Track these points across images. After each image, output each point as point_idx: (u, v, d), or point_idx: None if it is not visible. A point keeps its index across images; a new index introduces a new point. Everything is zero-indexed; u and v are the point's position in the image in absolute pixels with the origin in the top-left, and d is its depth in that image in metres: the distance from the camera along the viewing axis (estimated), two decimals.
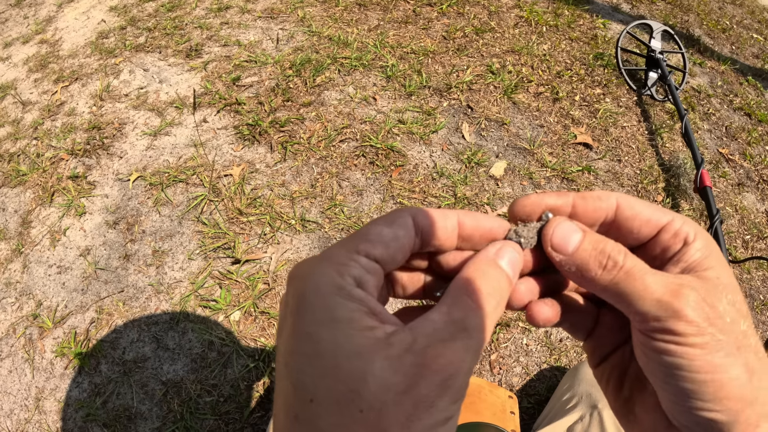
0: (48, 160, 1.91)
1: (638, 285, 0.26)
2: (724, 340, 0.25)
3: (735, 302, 0.26)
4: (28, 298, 1.59)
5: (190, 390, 1.39)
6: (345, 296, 0.23)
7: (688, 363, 0.25)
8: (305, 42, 2.29)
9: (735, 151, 2.14)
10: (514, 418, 1.13)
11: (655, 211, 0.29)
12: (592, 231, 0.29)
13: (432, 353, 0.22)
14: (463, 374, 0.23)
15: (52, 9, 2.72)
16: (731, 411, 0.25)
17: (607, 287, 0.27)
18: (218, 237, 1.65)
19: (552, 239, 0.28)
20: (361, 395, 0.21)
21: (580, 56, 2.35)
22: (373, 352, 0.22)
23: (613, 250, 0.27)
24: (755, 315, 1.67)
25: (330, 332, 0.22)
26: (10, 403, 1.41)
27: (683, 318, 0.24)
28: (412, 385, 0.21)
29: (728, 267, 0.28)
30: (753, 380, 0.25)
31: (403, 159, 1.84)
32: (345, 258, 0.25)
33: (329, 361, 0.22)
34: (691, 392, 0.25)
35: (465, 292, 0.25)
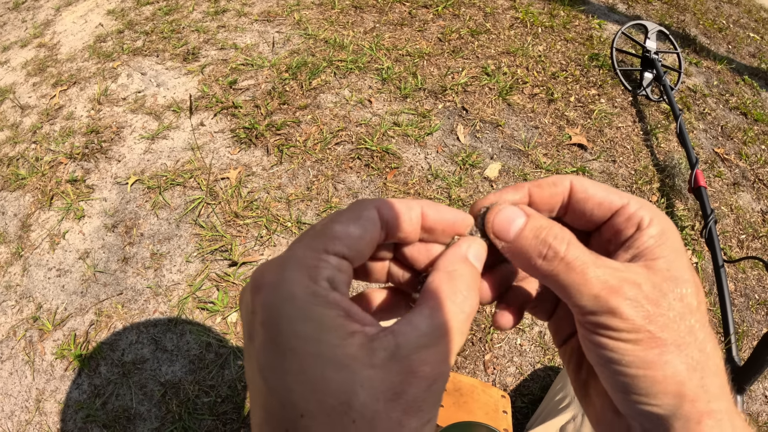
0: (47, 164, 1.93)
1: (577, 278, 0.25)
2: (662, 337, 0.24)
3: (684, 296, 0.26)
4: (28, 300, 1.61)
5: (188, 391, 1.41)
6: (322, 303, 0.23)
7: (621, 357, 0.25)
8: (301, 45, 2.30)
9: (731, 150, 2.15)
10: (507, 417, 1.14)
11: (609, 193, 0.29)
12: (537, 216, 0.28)
13: (417, 360, 0.22)
14: (445, 377, 0.24)
15: (50, 13, 2.74)
16: (668, 405, 0.25)
17: (547, 277, 0.26)
18: (215, 240, 1.67)
19: (494, 225, 0.28)
20: (352, 406, 0.21)
21: (575, 57, 2.37)
22: (358, 363, 0.22)
23: (555, 238, 0.26)
24: (751, 314, 1.68)
25: (314, 346, 0.22)
26: (11, 404, 1.43)
27: (618, 315, 0.24)
28: (400, 393, 0.22)
29: (683, 256, 0.27)
30: (694, 377, 0.25)
31: (398, 161, 1.86)
32: (314, 259, 0.24)
33: (317, 376, 0.21)
34: (626, 385, 0.25)
35: (444, 294, 0.25)
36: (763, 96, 2.46)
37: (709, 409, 0.25)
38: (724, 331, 1.49)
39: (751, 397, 1.53)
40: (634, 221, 0.28)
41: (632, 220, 0.28)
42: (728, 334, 1.46)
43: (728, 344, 1.45)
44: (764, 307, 1.70)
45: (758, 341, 1.29)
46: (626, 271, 0.26)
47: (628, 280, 0.25)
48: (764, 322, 1.67)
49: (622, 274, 0.25)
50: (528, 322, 1.54)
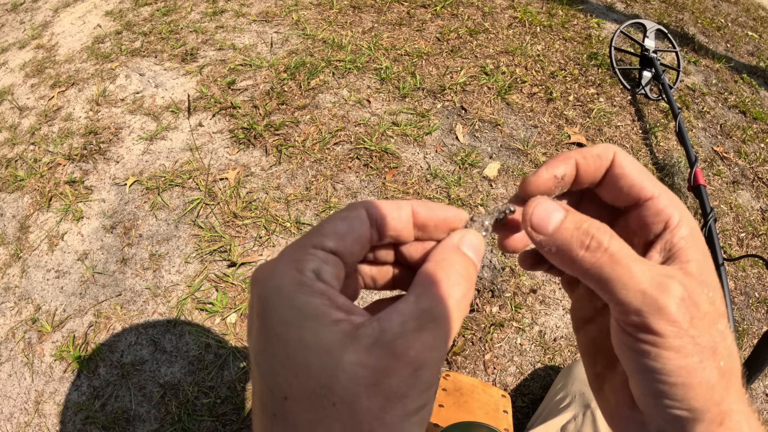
0: (45, 165, 1.93)
1: (623, 272, 0.24)
2: (701, 343, 0.24)
3: (714, 300, 0.25)
4: (27, 302, 1.60)
5: (187, 392, 1.40)
6: (307, 292, 0.23)
7: (662, 366, 0.24)
8: (300, 45, 2.30)
9: (730, 149, 2.15)
10: (507, 417, 1.14)
11: (645, 178, 0.28)
12: (574, 210, 0.27)
13: (401, 345, 0.22)
14: (433, 364, 0.23)
15: (48, 14, 2.73)
16: (697, 410, 0.25)
17: (589, 270, 0.25)
18: (214, 240, 1.66)
19: (532, 219, 0.27)
20: (333, 390, 0.21)
21: (574, 56, 2.36)
22: (341, 347, 0.22)
23: (598, 230, 0.26)
24: (751, 312, 1.68)
25: (298, 331, 0.22)
26: (10, 406, 1.43)
27: (666, 316, 0.24)
28: (383, 378, 0.22)
29: (710, 259, 0.27)
30: (722, 382, 0.25)
31: (397, 161, 1.86)
32: (301, 254, 0.25)
33: (300, 360, 0.22)
34: (660, 392, 0.25)
35: (431, 281, 0.25)
36: (761, 94, 2.46)
37: (730, 410, 0.25)
38: None
39: (752, 395, 1.53)
40: (663, 218, 0.27)
41: (661, 216, 0.27)
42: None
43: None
44: (764, 306, 1.70)
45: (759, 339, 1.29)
46: (666, 270, 0.25)
47: (673, 277, 0.25)
48: (764, 321, 1.67)
49: (664, 272, 0.25)
50: (528, 321, 1.54)
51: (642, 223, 0.28)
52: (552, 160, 0.29)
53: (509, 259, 1.65)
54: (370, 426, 0.21)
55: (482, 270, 1.63)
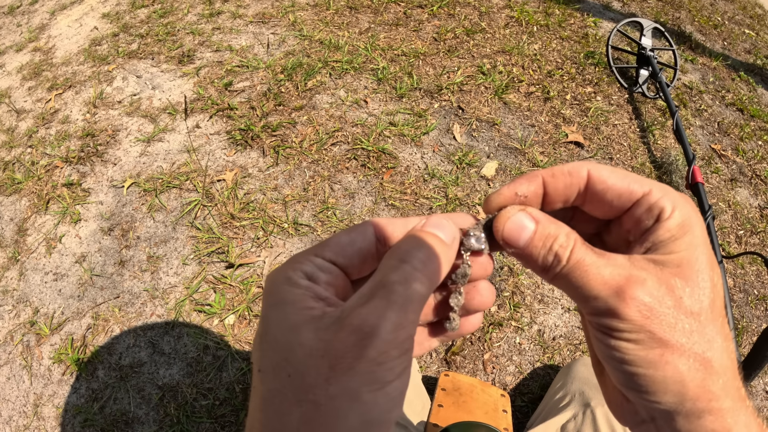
0: (43, 167, 1.92)
1: (580, 280, 0.26)
2: (663, 338, 0.24)
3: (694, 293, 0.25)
4: (25, 305, 1.60)
5: (186, 394, 1.40)
6: (291, 284, 0.25)
7: (623, 356, 0.25)
8: (296, 46, 2.30)
9: (727, 146, 2.15)
10: (507, 417, 1.13)
11: (630, 182, 0.27)
12: (546, 221, 0.28)
13: (350, 317, 0.23)
14: (385, 332, 0.22)
15: (44, 17, 2.73)
16: (670, 403, 0.25)
17: (553, 282, 0.27)
18: (212, 242, 1.66)
19: (503, 233, 0.28)
20: (290, 362, 0.23)
21: (570, 55, 2.36)
22: (305, 326, 0.23)
23: (561, 246, 0.26)
24: (750, 309, 1.68)
25: (275, 312, 0.25)
26: (9, 409, 1.42)
27: (619, 316, 0.24)
28: (329, 348, 0.22)
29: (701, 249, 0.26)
30: (696, 378, 0.24)
31: (394, 161, 1.86)
32: (301, 259, 0.27)
33: (272, 336, 0.24)
34: (630, 381, 0.26)
35: (388, 255, 0.26)
36: (759, 92, 2.47)
37: (711, 407, 0.25)
38: None
39: (752, 393, 1.53)
40: (654, 212, 0.27)
41: (653, 211, 0.27)
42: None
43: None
44: (763, 303, 1.70)
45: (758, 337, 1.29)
46: (631, 268, 0.25)
47: (631, 278, 0.25)
48: (763, 318, 1.67)
49: (626, 271, 0.25)
50: (527, 320, 1.54)
51: (635, 220, 0.28)
52: (518, 178, 0.30)
53: (508, 258, 1.65)
54: (314, 396, 0.22)
55: None
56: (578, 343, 1.51)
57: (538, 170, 0.29)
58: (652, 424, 0.27)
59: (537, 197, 0.29)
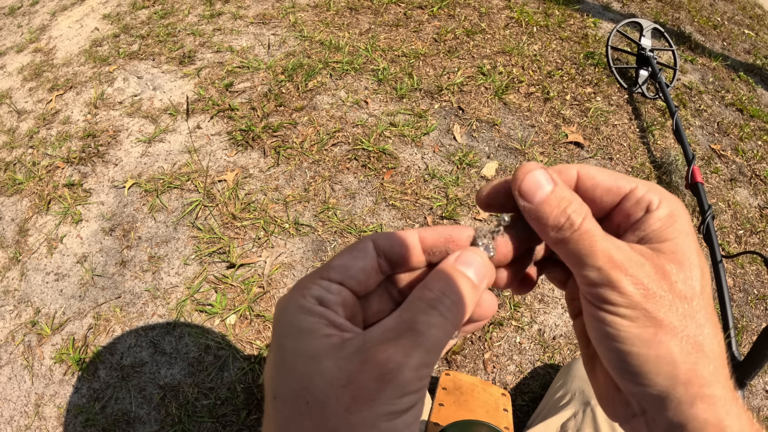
0: (44, 168, 1.93)
1: (585, 248, 0.26)
2: (659, 317, 0.25)
3: (688, 278, 0.26)
4: (27, 305, 1.60)
5: (187, 393, 1.40)
6: (306, 312, 0.26)
7: (616, 333, 0.26)
8: (297, 47, 2.30)
9: (727, 146, 2.16)
10: (507, 416, 1.14)
11: (617, 179, 0.29)
12: (563, 186, 0.28)
13: (374, 350, 0.24)
14: (408, 370, 0.23)
15: (45, 18, 2.74)
16: (660, 386, 0.25)
17: (557, 243, 0.27)
18: (213, 242, 1.67)
19: (521, 185, 0.28)
20: (309, 390, 0.23)
21: (570, 56, 2.37)
22: (324, 355, 0.24)
23: (574, 211, 0.27)
24: (750, 309, 1.68)
25: (292, 341, 0.25)
26: (10, 409, 1.43)
27: (617, 289, 0.25)
28: (352, 380, 0.23)
29: (690, 238, 0.27)
30: (688, 361, 0.25)
31: (395, 161, 1.86)
32: (309, 283, 0.27)
33: (289, 365, 0.24)
34: (621, 362, 0.26)
35: (417, 296, 0.26)
36: (758, 92, 2.47)
37: (702, 393, 0.25)
38: (723, 327, 1.50)
39: (752, 392, 1.53)
40: (643, 204, 0.28)
41: (641, 204, 0.28)
42: (727, 329, 1.46)
43: (728, 339, 1.45)
44: (763, 302, 1.71)
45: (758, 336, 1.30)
46: (630, 251, 0.26)
47: (632, 258, 0.26)
48: (763, 317, 1.68)
49: (627, 252, 0.26)
50: (527, 320, 1.54)
51: (625, 214, 0.29)
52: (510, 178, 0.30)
53: None
54: (334, 424, 0.23)
55: None
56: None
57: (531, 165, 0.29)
58: (642, 418, 0.28)
59: None
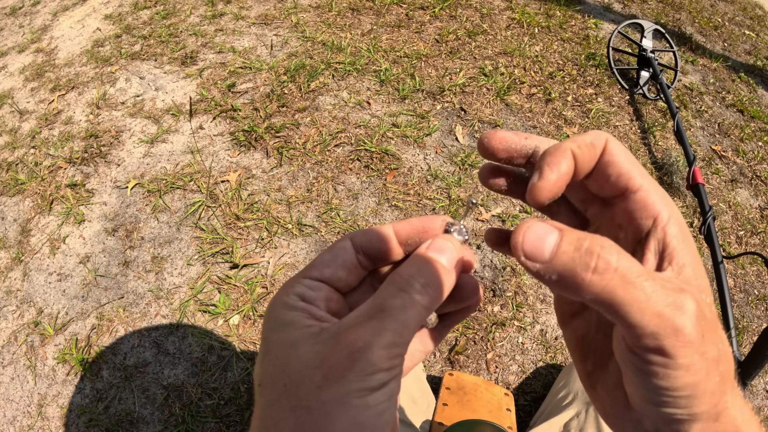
0: (46, 168, 1.93)
1: (637, 294, 0.22)
2: (709, 357, 0.23)
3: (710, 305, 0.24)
4: (29, 305, 1.60)
5: (191, 393, 1.41)
6: (289, 308, 0.27)
7: (671, 385, 0.23)
8: (299, 48, 2.31)
9: (728, 147, 2.16)
10: (510, 415, 1.14)
11: (634, 168, 0.27)
12: (569, 229, 0.24)
13: (345, 332, 0.25)
14: (377, 347, 0.24)
15: (47, 18, 2.74)
16: (696, 414, 0.24)
17: (599, 295, 0.22)
18: (216, 242, 1.67)
19: (524, 247, 0.24)
20: (286, 373, 0.25)
21: (572, 57, 2.38)
22: (302, 341, 0.26)
23: (603, 248, 0.22)
24: (750, 309, 1.69)
25: (276, 333, 0.27)
26: (13, 410, 1.43)
27: (682, 337, 0.22)
28: (324, 360, 0.24)
29: (700, 260, 0.26)
30: (718, 383, 0.24)
31: (397, 162, 1.86)
32: (293, 282, 0.29)
33: (273, 354, 0.26)
34: (663, 401, 0.24)
35: (389, 281, 0.27)
36: (759, 93, 2.48)
37: (725, 407, 0.25)
38: (724, 327, 1.50)
39: (753, 392, 1.54)
40: (651, 212, 0.26)
41: (650, 211, 0.26)
42: (728, 330, 1.46)
43: (729, 340, 1.46)
44: (764, 303, 1.71)
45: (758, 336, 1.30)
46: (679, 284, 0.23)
47: (686, 293, 0.23)
48: (764, 318, 1.68)
49: (677, 286, 0.23)
50: (530, 320, 1.55)
51: (630, 217, 0.27)
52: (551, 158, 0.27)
53: (510, 258, 1.65)
54: (308, 402, 0.24)
55: (483, 270, 1.64)
56: None
57: (562, 143, 0.27)
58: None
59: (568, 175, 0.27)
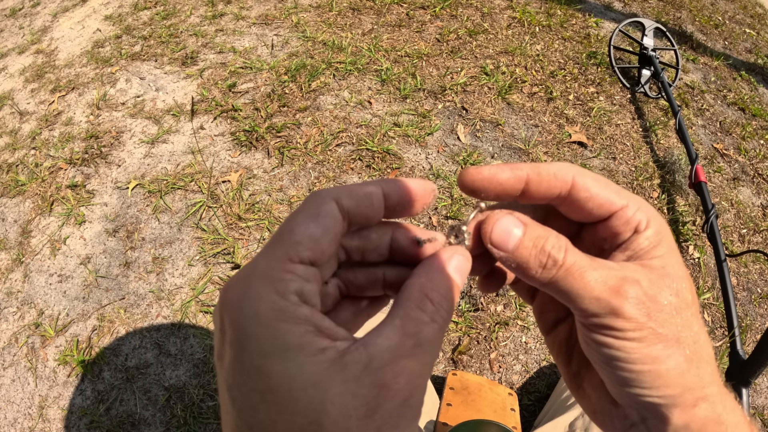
0: (47, 169, 1.92)
1: (577, 283, 0.25)
2: (663, 333, 0.25)
3: (679, 291, 0.26)
4: (30, 307, 1.60)
5: (192, 395, 1.40)
6: (290, 320, 0.22)
7: (626, 355, 0.25)
8: (300, 47, 2.30)
9: (730, 146, 2.16)
10: (515, 415, 1.14)
11: (611, 193, 0.28)
12: (534, 225, 0.28)
13: (390, 373, 0.22)
14: (421, 391, 0.23)
15: (47, 19, 2.74)
16: (670, 396, 0.26)
17: (547, 285, 0.27)
18: (217, 243, 1.66)
19: (492, 236, 0.27)
20: (323, 426, 0.20)
21: (573, 55, 2.37)
22: (329, 379, 0.21)
23: (554, 247, 0.26)
24: (754, 308, 1.68)
25: (280, 364, 0.21)
26: (14, 411, 1.42)
27: (622, 315, 0.25)
28: (374, 408, 0.21)
29: (676, 254, 0.28)
30: (692, 368, 0.26)
31: (399, 161, 1.86)
32: (280, 271, 0.23)
33: (284, 395, 0.20)
34: (630, 380, 0.26)
35: (417, 304, 0.24)
36: (760, 91, 2.48)
37: (704, 394, 0.26)
38: (728, 326, 1.50)
39: (757, 390, 1.53)
40: (632, 225, 0.28)
41: (630, 224, 0.28)
42: (732, 328, 1.46)
43: (732, 338, 1.45)
44: (767, 301, 1.71)
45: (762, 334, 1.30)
46: (623, 269, 0.26)
47: (627, 278, 0.26)
48: (767, 316, 1.68)
49: (620, 273, 0.26)
50: (533, 320, 1.54)
51: (613, 232, 0.28)
52: (502, 165, 0.28)
53: None
54: None
55: None
56: None
57: (525, 164, 0.28)
58: (642, 425, 0.28)
59: (515, 191, 0.28)
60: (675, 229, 1.80)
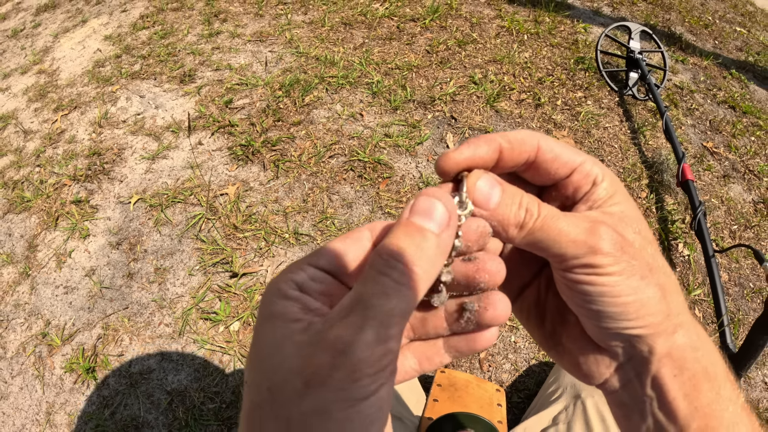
0: (51, 186, 2.00)
1: (554, 231, 0.27)
2: (637, 264, 0.27)
3: (640, 230, 0.29)
4: (37, 318, 1.66)
5: (194, 398, 1.45)
6: (281, 296, 0.25)
7: (610, 289, 0.27)
8: (293, 63, 2.37)
9: (720, 143, 2.18)
10: (501, 410, 1.17)
11: (571, 153, 0.30)
12: (509, 185, 0.29)
13: (327, 330, 0.23)
14: (360, 348, 0.22)
15: (48, 39, 2.83)
16: (652, 324, 0.28)
17: (523, 240, 0.28)
18: (216, 253, 1.72)
19: (475, 195, 0.28)
20: (270, 377, 0.23)
21: (561, 61, 2.42)
22: (287, 341, 0.23)
23: (529, 202, 0.28)
24: (746, 302, 1.70)
25: (263, 327, 0.25)
26: (22, 418, 1.48)
27: (599, 251, 0.27)
28: (307, 363, 0.22)
29: (632, 201, 0.31)
30: (666, 296, 0.28)
31: (390, 171, 1.91)
32: (294, 269, 0.27)
33: (258, 349, 0.24)
34: (615, 314, 0.28)
35: (369, 263, 0.25)
36: (751, 88, 2.50)
37: (680, 321, 0.29)
38: (717, 319, 1.52)
39: (750, 384, 1.55)
40: (591, 177, 0.30)
41: (590, 177, 0.30)
42: (720, 320, 1.48)
43: (722, 331, 1.48)
44: (759, 296, 1.73)
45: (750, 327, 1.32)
46: (590, 216, 0.29)
47: (596, 220, 0.28)
48: (760, 310, 1.69)
49: (589, 218, 0.28)
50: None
51: (575, 186, 0.31)
52: (475, 139, 0.29)
53: None
54: (288, 412, 0.22)
55: None
56: None
57: (494, 134, 0.30)
58: (629, 365, 0.30)
59: (492, 161, 0.30)
60: (664, 228, 1.83)
